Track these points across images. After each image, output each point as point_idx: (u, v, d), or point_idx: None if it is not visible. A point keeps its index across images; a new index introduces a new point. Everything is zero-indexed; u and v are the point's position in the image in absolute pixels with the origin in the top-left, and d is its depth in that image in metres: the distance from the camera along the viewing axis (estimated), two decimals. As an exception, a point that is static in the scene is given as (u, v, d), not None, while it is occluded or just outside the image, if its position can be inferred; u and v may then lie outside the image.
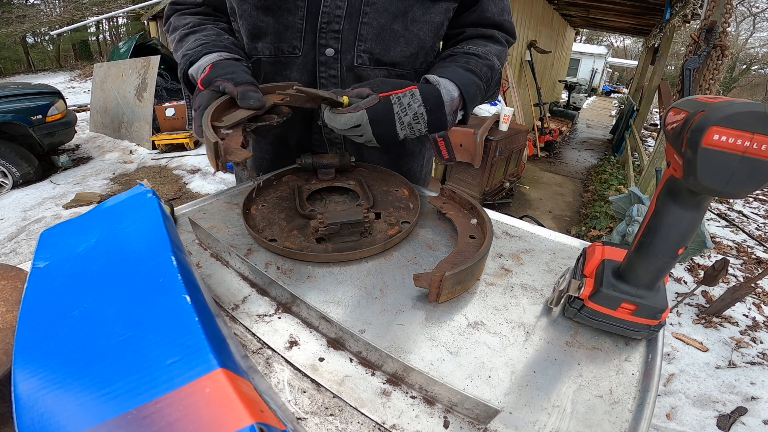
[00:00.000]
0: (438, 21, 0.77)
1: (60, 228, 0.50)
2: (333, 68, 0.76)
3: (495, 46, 0.80)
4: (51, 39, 15.74)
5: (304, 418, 0.39)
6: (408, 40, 0.76)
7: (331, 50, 0.74)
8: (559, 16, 7.77)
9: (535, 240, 0.67)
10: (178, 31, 0.79)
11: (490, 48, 0.79)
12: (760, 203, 4.60)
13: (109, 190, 3.92)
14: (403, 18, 0.73)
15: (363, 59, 0.76)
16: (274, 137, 0.90)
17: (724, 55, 2.37)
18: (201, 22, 0.79)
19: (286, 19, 0.72)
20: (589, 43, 22.27)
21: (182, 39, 0.77)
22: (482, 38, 0.80)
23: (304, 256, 0.57)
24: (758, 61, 20.76)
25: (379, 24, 0.72)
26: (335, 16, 0.71)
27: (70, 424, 0.27)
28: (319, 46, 0.74)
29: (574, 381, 0.43)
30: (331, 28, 0.72)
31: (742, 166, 0.32)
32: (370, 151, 0.90)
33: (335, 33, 0.73)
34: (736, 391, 1.85)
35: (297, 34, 0.74)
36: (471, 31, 0.81)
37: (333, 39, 0.73)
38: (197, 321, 0.34)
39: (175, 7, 0.84)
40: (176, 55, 0.78)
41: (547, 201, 4.35)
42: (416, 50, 0.78)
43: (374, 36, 0.74)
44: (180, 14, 0.82)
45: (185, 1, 0.83)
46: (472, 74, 0.71)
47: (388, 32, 0.74)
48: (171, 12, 0.84)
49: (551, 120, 7.16)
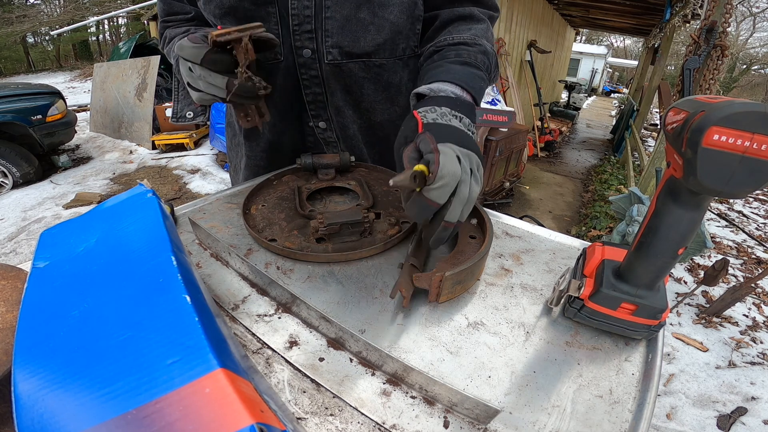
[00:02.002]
0: (408, 0, 0.72)
1: (60, 228, 0.50)
2: (312, 68, 0.76)
3: (478, 25, 0.73)
4: (51, 39, 15.75)
5: (304, 418, 0.39)
6: (378, 27, 0.73)
7: (308, 51, 0.74)
8: (559, 16, 7.77)
9: (535, 240, 0.67)
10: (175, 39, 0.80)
11: (474, 30, 0.72)
12: (760, 203, 4.60)
13: (109, 190, 3.92)
14: (368, 4, 0.70)
15: (333, 54, 0.74)
16: (268, 144, 0.88)
17: (724, 55, 2.37)
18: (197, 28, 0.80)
19: None
20: (589, 43, 22.28)
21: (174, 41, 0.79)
22: (461, 20, 0.74)
23: (304, 256, 0.57)
24: (758, 61, 20.76)
25: (342, 15, 0.71)
26: (305, 16, 0.70)
27: (70, 424, 0.27)
28: (296, 49, 0.74)
29: (574, 381, 0.43)
30: (304, 29, 0.71)
31: (742, 166, 0.32)
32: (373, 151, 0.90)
33: (308, 33, 0.72)
34: (736, 391, 1.85)
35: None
36: (446, 14, 0.74)
37: (308, 39, 0.73)
38: (197, 321, 0.34)
39: (166, 24, 0.84)
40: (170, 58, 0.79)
41: (547, 201, 4.35)
42: (391, 36, 0.74)
43: (339, 29, 0.72)
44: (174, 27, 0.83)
45: (176, 18, 0.83)
46: (468, 66, 0.65)
47: (353, 22, 0.71)
48: (163, 28, 0.85)
49: (551, 120, 7.16)
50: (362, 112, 0.84)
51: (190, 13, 0.82)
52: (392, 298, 0.50)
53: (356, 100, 0.82)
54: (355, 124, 0.85)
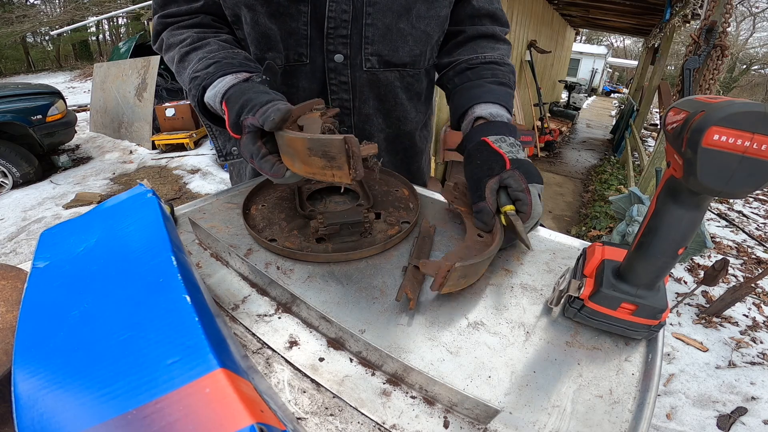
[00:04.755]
0: (443, 14, 0.76)
1: (60, 228, 0.50)
2: (343, 74, 0.75)
3: (503, 46, 0.81)
4: (51, 39, 15.76)
5: (304, 418, 0.39)
6: (416, 38, 0.75)
7: (341, 56, 0.72)
8: (559, 16, 7.77)
9: (535, 240, 0.67)
10: (174, 49, 0.68)
11: (501, 50, 0.79)
12: (760, 203, 4.60)
13: (109, 190, 3.92)
14: (407, 16, 0.71)
15: (372, 62, 0.74)
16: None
17: (724, 55, 2.37)
18: (200, 36, 0.68)
19: (289, 26, 0.69)
20: (589, 43, 22.28)
21: (183, 58, 0.67)
22: (485, 38, 0.80)
23: (304, 256, 0.57)
24: (758, 61, 20.76)
25: (384, 24, 0.71)
26: (342, 20, 0.69)
27: (70, 424, 0.27)
28: (328, 52, 0.72)
29: (574, 381, 0.43)
30: (339, 33, 0.70)
31: (742, 166, 0.31)
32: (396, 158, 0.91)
33: (343, 38, 0.71)
34: (736, 391, 1.85)
35: (302, 41, 0.71)
36: (471, 31, 0.80)
37: (341, 44, 0.71)
38: (197, 321, 0.34)
39: (166, 20, 0.71)
40: (180, 78, 0.68)
41: (547, 201, 4.35)
42: (425, 47, 0.78)
43: (380, 37, 0.72)
44: (173, 29, 0.71)
45: (178, 12, 0.71)
46: (505, 87, 0.73)
47: (394, 32, 0.72)
48: (161, 27, 0.72)
49: (551, 120, 7.16)
50: (392, 121, 0.85)
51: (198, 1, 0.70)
52: (398, 301, 0.50)
53: (388, 108, 0.82)
54: (382, 133, 0.86)
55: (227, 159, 0.81)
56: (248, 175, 0.92)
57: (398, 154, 0.91)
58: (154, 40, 0.75)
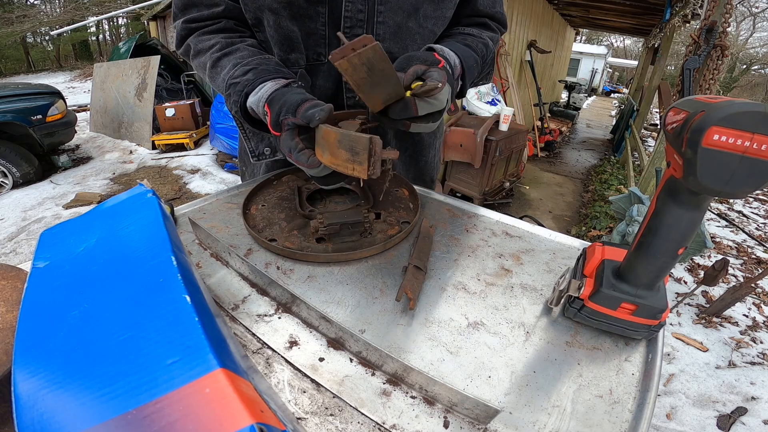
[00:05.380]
0: (448, 15, 0.78)
1: (60, 228, 0.50)
2: None
3: (488, 31, 0.83)
4: (51, 39, 15.77)
5: (304, 418, 0.39)
6: (423, 37, 0.76)
7: None
8: (559, 16, 7.77)
9: (535, 240, 0.67)
10: (205, 54, 0.71)
11: (483, 32, 0.81)
12: (760, 203, 4.60)
13: (109, 190, 3.92)
14: (415, 15, 0.73)
15: None
16: None
17: (724, 55, 2.37)
18: (229, 42, 0.71)
19: (308, 26, 0.71)
20: (589, 43, 22.27)
21: (215, 64, 0.69)
22: (475, 26, 0.83)
23: (304, 256, 0.57)
24: (758, 61, 20.75)
25: (394, 23, 0.72)
26: (357, 20, 0.71)
27: (70, 424, 0.27)
28: None
29: (574, 381, 0.43)
30: (354, 32, 0.71)
31: (742, 166, 0.32)
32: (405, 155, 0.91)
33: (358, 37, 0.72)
34: (736, 391, 1.85)
35: (321, 41, 0.73)
36: (465, 22, 0.83)
37: None
38: (197, 321, 0.34)
39: (190, 26, 0.74)
40: (214, 83, 0.71)
41: (547, 201, 4.35)
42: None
43: (391, 35, 0.73)
44: (199, 34, 0.73)
45: (200, 17, 0.73)
46: (468, 48, 0.74)
47: (404, 30, 0.74)
48: (186, 32, 0.74)
49: (551, 120, 7.16)
50: None
51: (219, 6, 0.71)
52: (398, 301, 0.50)
53: None
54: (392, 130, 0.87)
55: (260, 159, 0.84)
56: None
57: (407, 150, 0.93)
58: (178, 45, 0.77)
